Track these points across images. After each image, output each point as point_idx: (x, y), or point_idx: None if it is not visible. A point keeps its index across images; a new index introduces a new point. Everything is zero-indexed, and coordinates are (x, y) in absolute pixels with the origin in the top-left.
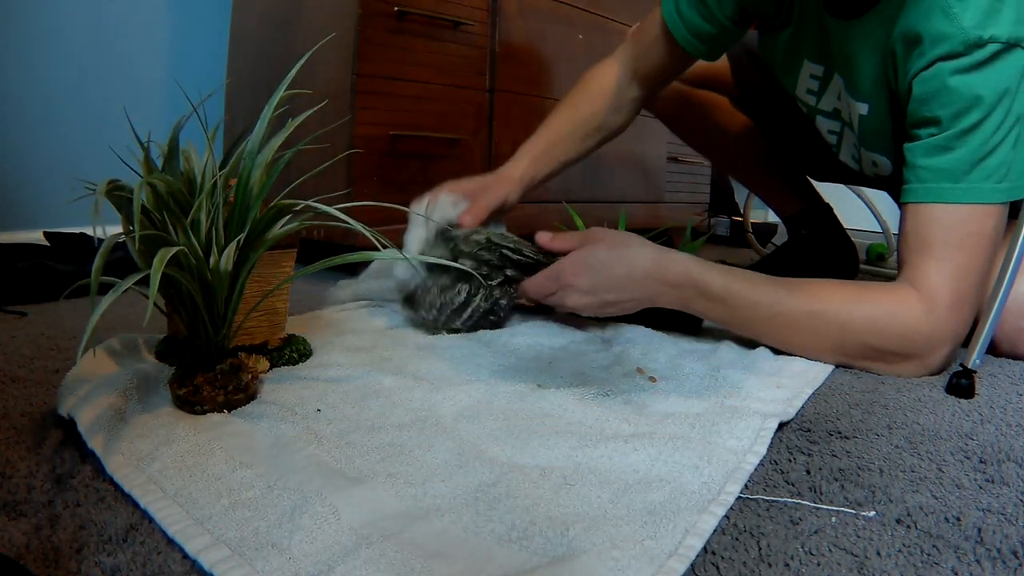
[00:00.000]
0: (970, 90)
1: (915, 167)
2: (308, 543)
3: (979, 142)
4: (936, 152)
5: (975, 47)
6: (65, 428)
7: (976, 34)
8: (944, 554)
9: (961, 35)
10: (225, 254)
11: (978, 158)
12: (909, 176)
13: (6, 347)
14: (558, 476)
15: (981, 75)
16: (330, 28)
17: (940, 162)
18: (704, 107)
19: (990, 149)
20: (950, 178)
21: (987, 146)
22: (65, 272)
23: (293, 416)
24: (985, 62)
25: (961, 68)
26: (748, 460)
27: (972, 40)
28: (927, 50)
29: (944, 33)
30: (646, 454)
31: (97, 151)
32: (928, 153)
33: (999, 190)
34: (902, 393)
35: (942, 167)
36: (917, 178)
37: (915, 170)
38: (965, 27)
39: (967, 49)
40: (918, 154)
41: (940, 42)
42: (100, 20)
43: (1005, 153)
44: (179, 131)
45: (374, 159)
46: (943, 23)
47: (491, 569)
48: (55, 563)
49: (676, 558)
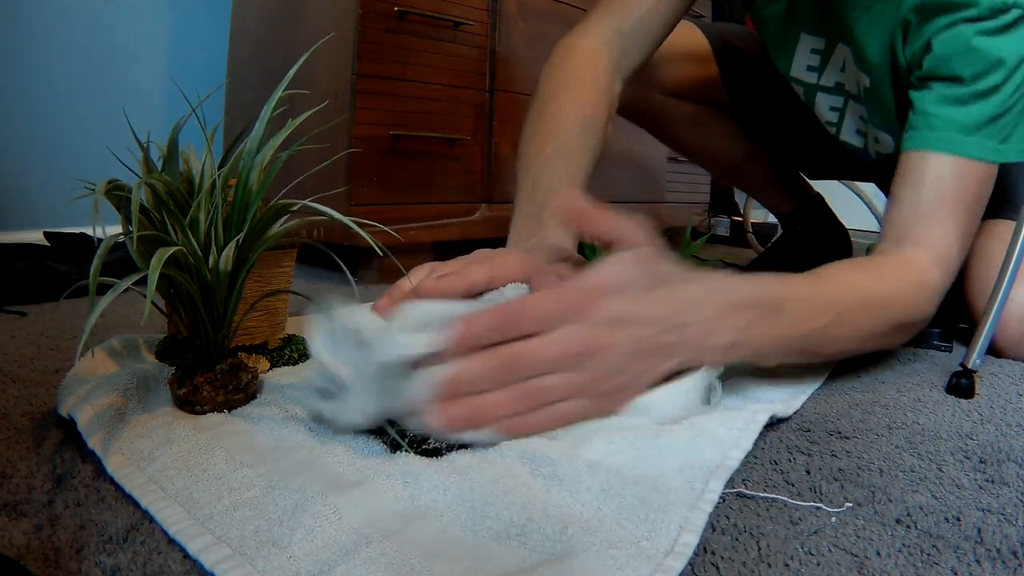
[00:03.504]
0: (993, 52)
1: (926, 113)
2: (309, 542)
3: (997, 102)
4: (951, 103)
5: (1000, 12)
6: (65, 428)
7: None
8: (944, 554)
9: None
10: (224, 254)
11: (992, 116)
12: (917, 121)
13: (6, 347)
14: (548, 473)
15: (1005, 39)
16: (330, 28)
17: (955, 113)
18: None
19: (1005, 110)
20: (961, 130)
21: (1003, 107)
22: (65, 272)
23: (293, 416)
24: (1010, 26)
25: (985, 31)
26: (733, 455)
27: (997, 6)
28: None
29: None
30: (634, 448)
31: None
32: (943, 102)
33: (1000, 151)
34: (902, 393)
35: (956, 118)
36: (928, 125)
37: (925, 116)
38: None
39: (992, 13)
40: (930, 101)
41: (965, 8)
42: (100, 20)
43: (1015, 115)
44: (178, 131)
45: (374, 159)
46: None
47: (491, 567)
48: (55, 563)
49: (673, 556)
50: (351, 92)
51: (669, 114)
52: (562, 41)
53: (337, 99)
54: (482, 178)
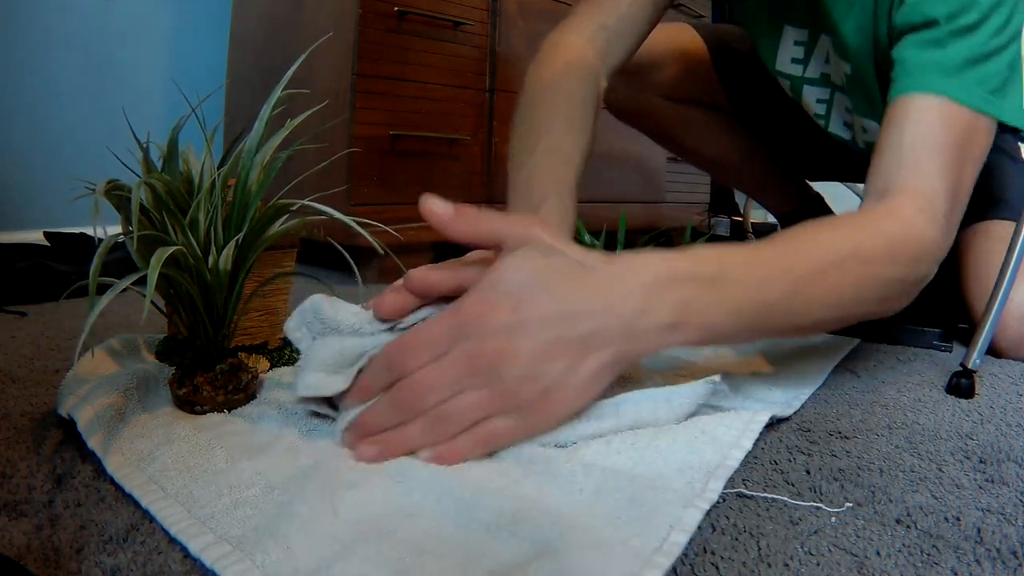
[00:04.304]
0: None
1: (903, 61)
2: (307, 541)
3: (976, 42)
4: (928, 46)
5: None
6: (65, 428)
7: None
8: (944, 554)
9: None
10: (224, 253)
11: (973, 57)
12: (897, 72)
13: (6, 347)
14: (541, 471)
15: None
16: (330, 28)
17: (932, 55)
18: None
19: (987, 52)
20: (941, 71)
21: (984, 48)
22: (65, 272)
23: (293, 416)
24: None
25: None
26: (733, 455)
27: None
28: None
29: None
30: (630, 446)
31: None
32: (919, 47)
33: (991, 102)
34: (902, 393)
35: (934, 59)
36: (905, 71)
37: (903, 64)
38: None
39: None
40: (907, 47)
41: None
42: (100, 20)
43: (1002, 65)
44: (178, 131)
45: (374, 159)
46: None
47: (484, 562)
48: (55, 563)
49: (662, 554)
50: (351, 92)
51: (666, 117)
52: (548, 38)
53: (337, 99)
54: (482, 178)
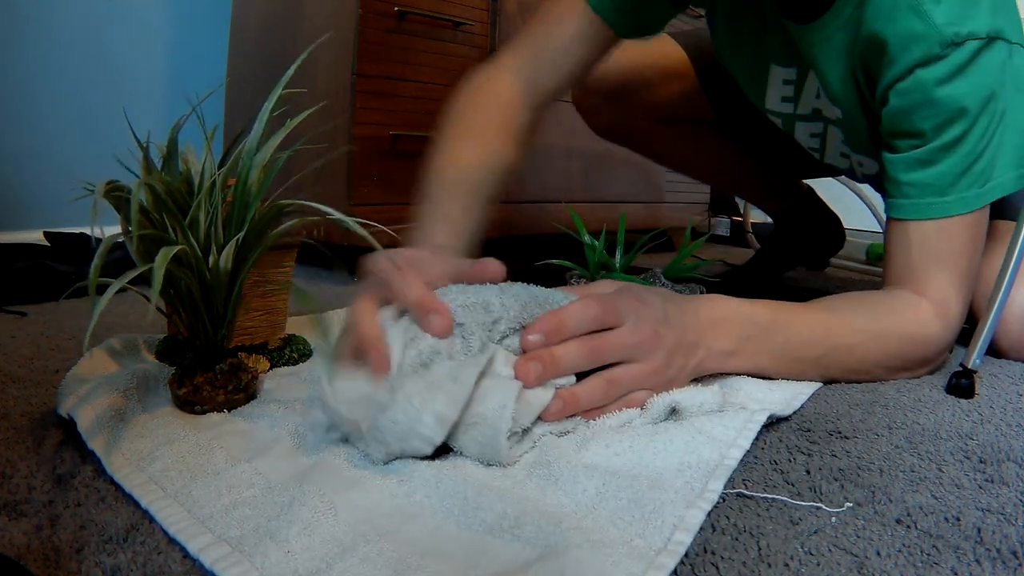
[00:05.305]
0: (954, 102)
1: (898, 183)
2: (308, 540)
3: (964, 153)
4: (919, 166)
5: (953, 46)
6: (65, 428)
7: (952, 31)
8: (944, 554)
9: (936, 35)
10: (224, 253)
11: (963, 169)
12: (893, 191)
13: (6, 347)
14: (543, 474)
15: (965, 81)
16: (330, 28)
17: (924, 176)
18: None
19: (975, 157)
20: (935, 192)
21: (972, 155)
22: (65, 272)
23: (293, 416)
24: (967, 64)
25: (944, 76)
26: (731, 454)
27: (949, 39)
28: (898, 55)
29: (916, 33)
30: (632, 450)
31: (97, 151)
32: (910, 167)
33: (983, 194)
34: (902, 393)
35: (927, 181)
36: (902, 193)
37: (899, 186)
38: (939, 24)
39: (945, 50)
40: (900, 168)
41: (913, 44)
42: (100, 20)
43: (989, 157)
44: (178, 131)
45: (374, 159)
46: (913, 22)
47: (486, 563)
48: (55, 563)
49: (666, 554)
50: (351, 92)
51: (652, 136)
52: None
53: (337, 99)
54: None
